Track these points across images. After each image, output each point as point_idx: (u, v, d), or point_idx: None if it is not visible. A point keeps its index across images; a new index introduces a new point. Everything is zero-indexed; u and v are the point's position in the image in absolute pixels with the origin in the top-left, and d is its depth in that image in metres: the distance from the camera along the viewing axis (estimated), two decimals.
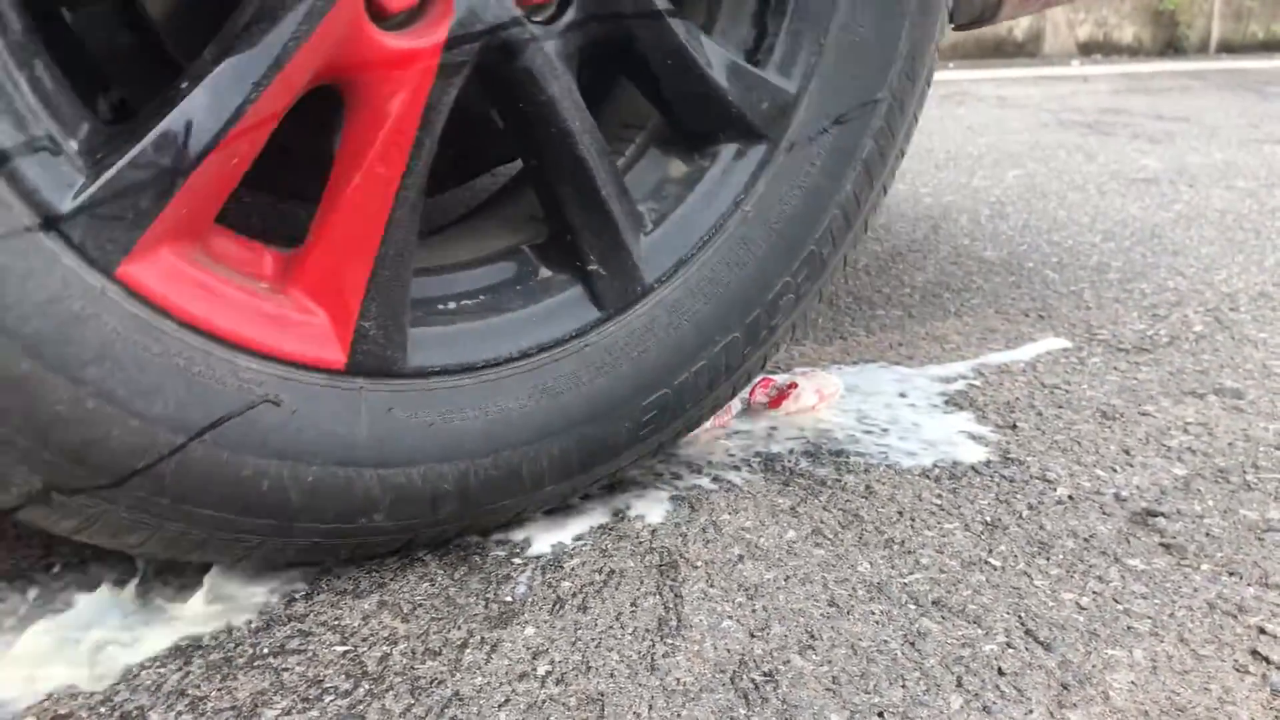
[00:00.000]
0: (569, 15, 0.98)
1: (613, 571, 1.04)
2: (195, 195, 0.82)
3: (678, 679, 0.88)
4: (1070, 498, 1.18)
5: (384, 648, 0.93)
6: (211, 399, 0.85)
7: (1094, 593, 1.00)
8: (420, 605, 0.99)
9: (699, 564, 1.05)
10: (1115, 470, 1.24)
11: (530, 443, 1.02)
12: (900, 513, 1.15)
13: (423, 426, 0.96)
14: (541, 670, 0.90)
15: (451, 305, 1.01)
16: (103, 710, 0.84)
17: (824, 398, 1.37)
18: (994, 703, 0.86)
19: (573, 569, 1.04)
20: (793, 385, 1.37)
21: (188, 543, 0.90)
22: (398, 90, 0.89)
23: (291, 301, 0.91)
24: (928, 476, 1.23)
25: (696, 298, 1.08)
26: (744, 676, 0.89)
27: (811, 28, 1.10)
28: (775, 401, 1.37)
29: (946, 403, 1.43)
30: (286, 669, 0.90)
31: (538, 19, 0.96)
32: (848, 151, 1.12)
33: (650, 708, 0.85)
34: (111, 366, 0.80)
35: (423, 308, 0.99)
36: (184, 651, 0.92)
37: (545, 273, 1.05)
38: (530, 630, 0.95)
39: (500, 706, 0.85)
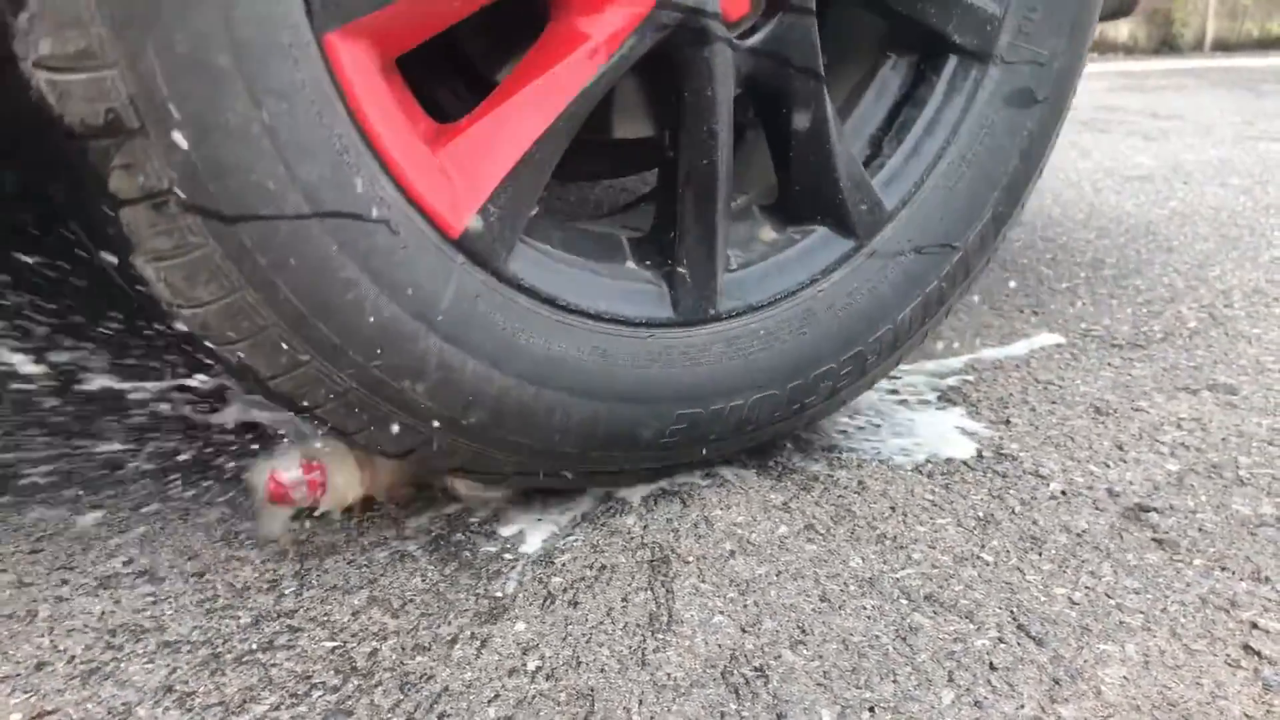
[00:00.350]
0: (752, 40, 1.08)
1: (604, 567, 1.04)
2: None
3: (668, 674, 0.88)
4: (1063, 493, 1.17)
5: (373, 643, 0.92)
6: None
7: (1086, 588, 1.00)
8: (410, 601, 0.98)
9: (690, 559, 1.05)
10: (1108, 466, 1.23)
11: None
12: (892, 508, 1.14)
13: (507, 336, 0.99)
14: (532, 666, 0.89)
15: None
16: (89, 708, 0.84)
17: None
18: (985, 697, 0.85)
19: (563, 564, 1.04)
20: None
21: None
22: (600, 18, 0.98)
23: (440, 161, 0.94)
24: (920, 472, 1.22)
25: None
26: (735, 671, 0.88)
27: None
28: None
29: (940, 398, 1.43)
30: (275, 665, 0.89)
31: (732, 28, 1.07)
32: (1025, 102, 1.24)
33: (641, 703, 0.85)
34: None
35: None
36: (171, 646, 0.91)
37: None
38: (520, 626, 0.95)
39: (490, 702, 0.85)
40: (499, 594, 0.99)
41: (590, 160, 1.31)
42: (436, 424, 0.97)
